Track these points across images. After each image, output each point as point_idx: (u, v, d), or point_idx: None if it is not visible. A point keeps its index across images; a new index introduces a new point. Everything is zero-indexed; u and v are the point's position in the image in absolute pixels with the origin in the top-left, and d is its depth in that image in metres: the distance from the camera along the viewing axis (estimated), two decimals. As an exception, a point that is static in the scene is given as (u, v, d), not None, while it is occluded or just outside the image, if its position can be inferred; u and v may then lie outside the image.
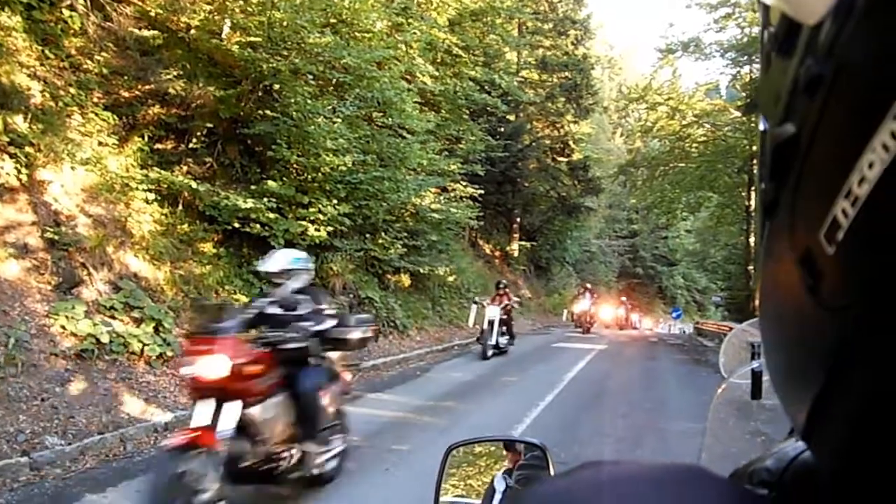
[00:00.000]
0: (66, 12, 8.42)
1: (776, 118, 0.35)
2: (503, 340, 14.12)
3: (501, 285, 15.37)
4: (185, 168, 9.91)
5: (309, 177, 11.02)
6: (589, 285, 24.80)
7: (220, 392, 4.05)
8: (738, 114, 23.05)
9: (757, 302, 0.43)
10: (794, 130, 0.32)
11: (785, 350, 0.38)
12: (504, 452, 1.58)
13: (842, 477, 0.34)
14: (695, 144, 25.15)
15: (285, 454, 4.61)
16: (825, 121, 0.30)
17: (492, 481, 1.49)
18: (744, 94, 22.48)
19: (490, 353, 13.29)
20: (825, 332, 0.31)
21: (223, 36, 9.98)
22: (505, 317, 14.19)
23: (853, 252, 0.28)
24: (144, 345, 7.39)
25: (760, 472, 0.44)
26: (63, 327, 6.75)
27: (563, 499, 0.37)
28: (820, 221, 0.30)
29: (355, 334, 5.32)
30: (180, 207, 9.51)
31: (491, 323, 13.59)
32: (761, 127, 0.40)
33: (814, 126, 0.31)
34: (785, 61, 0.35)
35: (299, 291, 5.05)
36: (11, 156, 7.18)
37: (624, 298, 33.40)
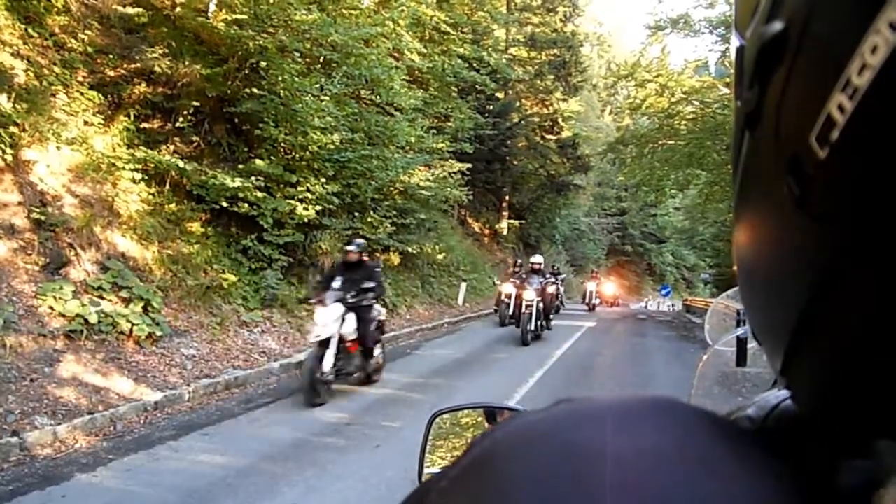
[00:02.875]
0: (49, -11, 8.31)
1: (761, 21, 0.32)
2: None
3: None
4: (171, 147, 9.84)
5: (297, 155, 10.95)
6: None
7: None
8: (726, 91, 22.97)
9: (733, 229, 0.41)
10: (782, 26, 0.29)
11: (765, 274, 0.36)
12: (486, 425, 1.58)
13: (820, 414, 0.33)
14: (683, 122, 25.01)
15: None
16: (820, 3, 0.27)
17: None
18: (733, 71, 22.37)
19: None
20: (810, 246, 0.29)
21: (209, 13, 9.85)
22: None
23: (850, 152, 0.25)
24: (133, 325, 7.39)
25: (742, 420, 0.43)
26: (51, 308, 6.74)
27: (535, 429, 0.35)
28: (811, 122, 0.27)
29: None
30: (167, 187, 9.44)
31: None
32: (736, 44, 0.37)
33: (806, 13, 0.28)
34: None
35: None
36: (-4, 135, 7.11)
37: (594, 269, 31.64)
